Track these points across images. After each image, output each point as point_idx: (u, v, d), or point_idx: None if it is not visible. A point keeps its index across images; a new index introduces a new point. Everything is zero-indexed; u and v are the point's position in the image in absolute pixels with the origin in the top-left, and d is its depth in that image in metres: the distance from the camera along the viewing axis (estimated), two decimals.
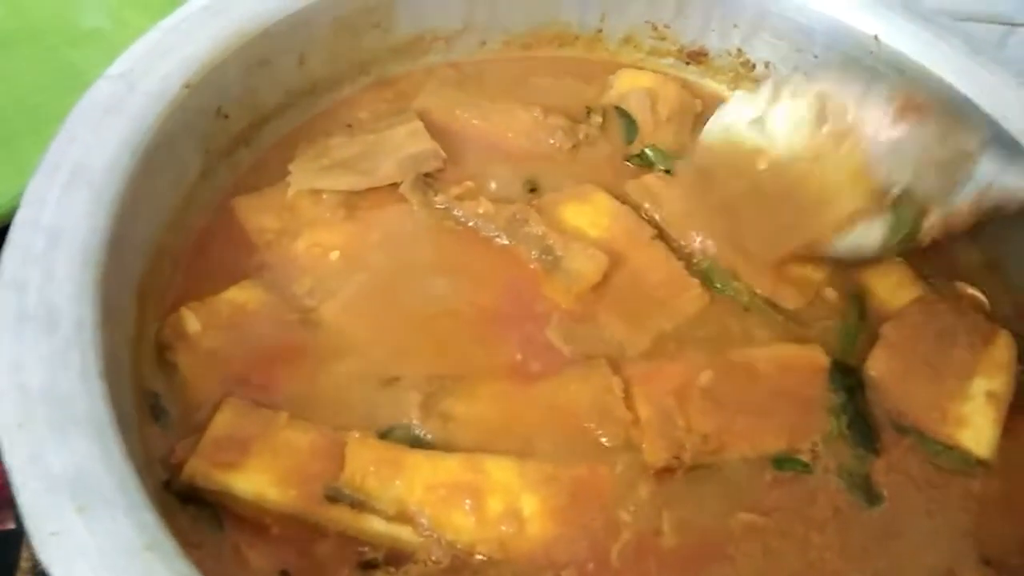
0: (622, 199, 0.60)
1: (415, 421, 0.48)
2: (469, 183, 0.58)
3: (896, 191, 0.54)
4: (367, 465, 0.45)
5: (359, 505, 0.45)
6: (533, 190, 0.60)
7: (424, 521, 0.44)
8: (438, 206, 0.57)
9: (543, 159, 0.62)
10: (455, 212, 0.57)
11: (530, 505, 0.45)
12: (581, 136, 0.64)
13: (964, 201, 0.54)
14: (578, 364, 0.51)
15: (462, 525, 0.44)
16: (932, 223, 0.54)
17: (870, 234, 0.55)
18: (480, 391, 0.50)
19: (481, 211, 0.56)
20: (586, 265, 0.54)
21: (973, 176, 0.54)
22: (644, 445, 0.48)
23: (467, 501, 0.45)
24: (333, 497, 0.45)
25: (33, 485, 0.37)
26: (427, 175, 0.59)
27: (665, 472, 0.48)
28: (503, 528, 0.45)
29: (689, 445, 0.48)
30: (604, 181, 0.61)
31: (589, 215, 0.58)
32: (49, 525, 0.36)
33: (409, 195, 0.57)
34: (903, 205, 0.54)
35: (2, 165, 0.67)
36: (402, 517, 0.45)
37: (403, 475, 0.45)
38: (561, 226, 0.57)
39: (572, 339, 0.53)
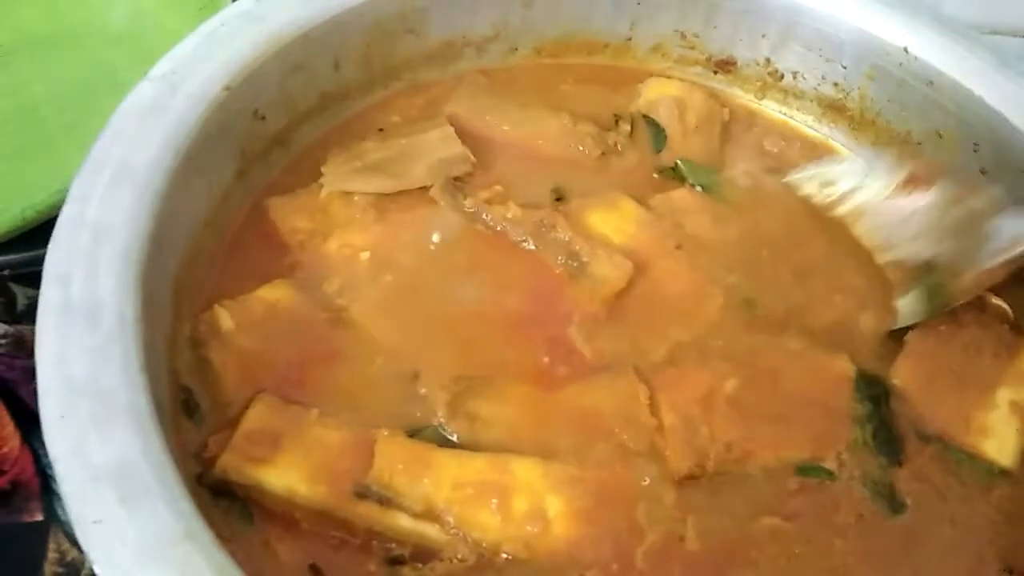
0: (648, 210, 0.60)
1: (442, 421, 0.49)
2: (498, 187, 0.59)
3: (918, 262, 0.55)
4: (395, 463, 0.46)
5: (387, 502, 0.45)
6: (560, 199, 0.61)
7: (450, 519, 0.45)
8: (467, 209, 0.58)
9: (571, 166, 0.63)
10: (484, 216, 0.58)
11: (555, 506, 0.46)
12: (610, 143, 0.64)
13: (995, 258, 0.54)
14: (605, 370, 0.52)
15: (488, 524, 0.45)
16: (965, 285, 0.55)
17: (907, 308, 0.56)
18: (506, 393, 0.50)
19: (509, 215, 0.57)
20: (611, 271, 0.55)
21: (1000, 231, 0.54)
22: (668, 452, 0.49)
23: (493, 500, 0.45)
24: (361, 493, 0.45)
25: (76, 475, 0.38)
26: (457, 179, 0.59)
27: (688, 479, 0.48)
28: (528, 528, 0.45)
29: (713, 453, 0.49)
30: (632, 190, 0.61)
31: (615, 222, 0.59)
32: (92, 513, 0.37)
33: (439, 198, 0.58)
34: (931, 274, 0.56)
35: (41, 163, 0.69)
36: (429, 515, 0.45)
37: (431, 473, 0.46)
38: (587, 232, 0.57)
39: (595, 344, 0.53)
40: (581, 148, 0.63)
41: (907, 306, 0.56)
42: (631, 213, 0.59)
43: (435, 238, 0.57)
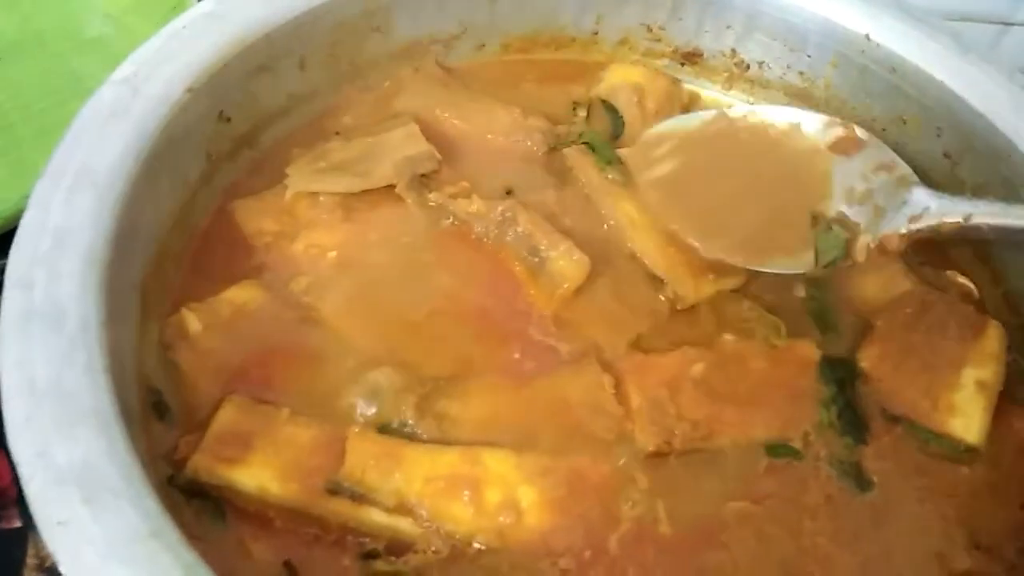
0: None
1: (410, 421, 0.49)
2: (464, 183, 0.59)
3: (827, 217, 0.57)
4: (367, 458, 0.46)
5: (359, 498, 0.45)
6: (509, 192, 0.60)
7: (423, 512, 0.45)
8: (432, 205, 0.58)
9: (521, 160, 0.63)
10: (449, 211, 0.58)
11: (528, 496, 0.46)
12: (562, 136, 0.64)
13: (898, 225, 0.57)
14: (569, 363, 0.52)
15: (461, 516, 0.45)
16: (863, 246, 0.57)
17: (799, 254, 0.57)
18: (473, 391, 0.51)
19: (472, 209, 0.57)
20: (570, 268, 0.55)
21: (907, 202, 0.57)
22: (635, 431, 0.49)
23: (465, 493, 0.46)
24: (334, 490, 0.46)
25: (41, 477, 0.38)
26: (423, 176, 0.59)
27: (656, 456, 0.49)
28: (501, 519, 0.45)
29: (679, 431, 0.49)
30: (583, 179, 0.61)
31: None
32: (56, 515, 0.37)
33: (405, 195, 0.58)
34: (832, 230, 0.57)
35: (8, 170, 0.68)
36: (402, 509, 0.45)
37: (402, 468, 0.46)
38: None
39: (558, 338, 0.53)
40: (529, 143, 0.63)
41: (797, 260, 0.57)
42: None
43: (402, 236, 0.57)
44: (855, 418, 0.52)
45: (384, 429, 0.49)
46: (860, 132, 0.62)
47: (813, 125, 0.62)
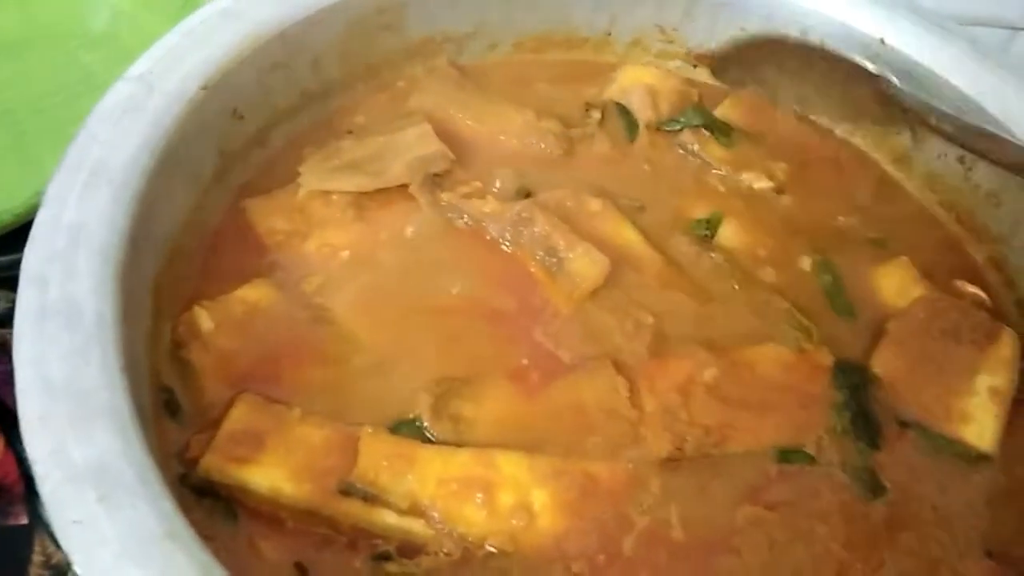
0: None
1: (425, 424, 0.48)
2: (478, 183, 0.59)
3: None
4: (380, 459, 0.46)
5: (372, 499, 0.45)
6: (527, 195, 0.60)
7: (436, 514, 0.45)
8: (445, 205, 0.58)
9: (535, 162, 0.63)
10: (463, 211, 0.57)
11: (540, 499, 0.46)
12: (576, 138, 0.64)
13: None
14: (583, 366, 0.52)
15: (473, 518, 0.45)
16: None
17: None
18: (488, 393, 0.50)
19: (487, 210, 0.57)
20: (589, 268, 0.55)
21: None
22: (647, 436, 0.49)
23: (478, 495, 0.46)
24: (346, 491, 0.45)
25: (56, 475, 0.37)
26: (436, 175, 0.59)
27: (669, 463, 0.49)
28: (514, 522, 0.45)
29: (691, 437, 0.49)
30: (599, 182, 0.61)
31: None
32: (71, 514, 0.36)
33: (418, 195, 0.58)
34: None
35: (18, 166, 0.68)
36: (414, 510, 0.45)
37: (415, 469, 0.46)
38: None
39: (573, 340, 0.53)
40: (543, 145, 0.63)
41: None
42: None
43: (414, 236, 0.57)
44: (868, 424, 0.51)
45: (397, 430, 0.48)
46: None
47: None
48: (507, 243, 0.57)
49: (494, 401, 0.50)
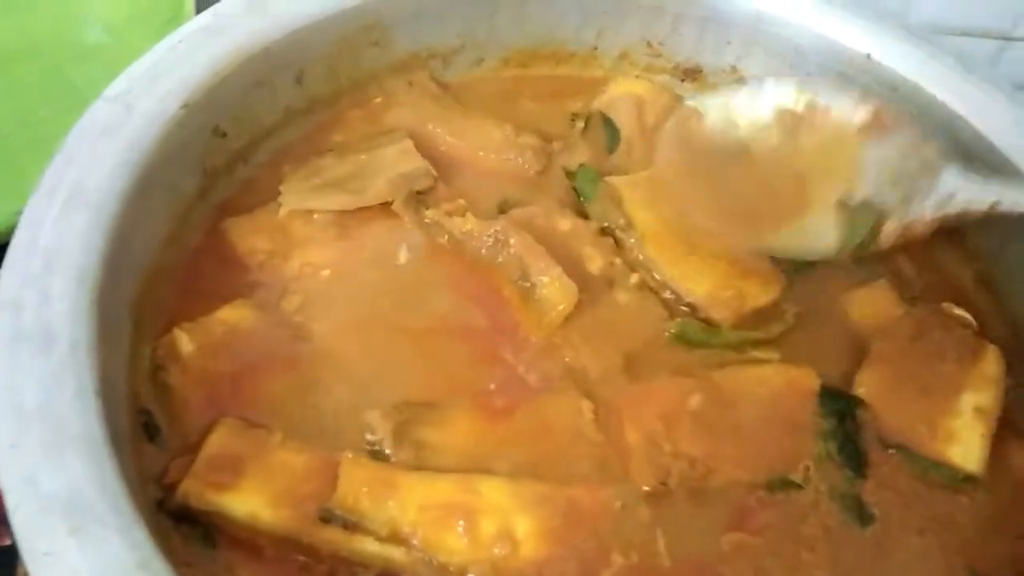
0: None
1: (387, 451, 0.48)
2: (461, 200, 0.58)
3: (854, 201, 0.54)
4: (360, 485, 0.45)
5: (352, 526, 0.45)
6: (503, 211, 0.59)
7: (416, 542, 0.44)
8: (428, 222, 0.57)
9: (513, 178, 0.62)
10: (444, 229, 0.57)
11: (523, 526, 0.45)
12: (555, 150, 0.64)
13: (925, 211, 0.55)
14: (548, 388, 0.51)
15: (455, 547, 0.44)
16: (889, 231, 0.55)
17: (824, 238, 0.55)
18: (451, 418, 0.49)
19: (466, 228, 0.56)
20: (558, 296, 0.54)
21: (935, 187, 0.54)
22: (631, 469, 0.48)
23: (460, 523, 0.45)
24: (326, 518, 0.45)
25: (27, 505, 0.37)
26: (419, 193, 0.59)
27: (652, 497, 0.48)
28: (496, 550, 0.44)
29: (675, 471, 0.48)
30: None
31: None
32: (42, 545, 0.36)
33: (402, 212, 0.57)
34: (860, 213, 0.55)
35: (4, 181, 0.68)
36: (394, 538, 0.45)
37: (396, 496, 0.45)
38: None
39: (546, 365, 0.52)
40: (520, 161, 0.63)
41: (821, 239, 0.55)
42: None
43: (397, 255, 0.56)
44: (855, 452, 0.51)
45: (378, 451, 0.48)
46: (889, 111, 0.56)
47: (841, 105, 0.57)
48: (483, 262, 0.56)
49: (457, 426, 0.49)
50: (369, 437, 0.48)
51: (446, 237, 0.57)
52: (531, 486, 0.46)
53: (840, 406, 0.52)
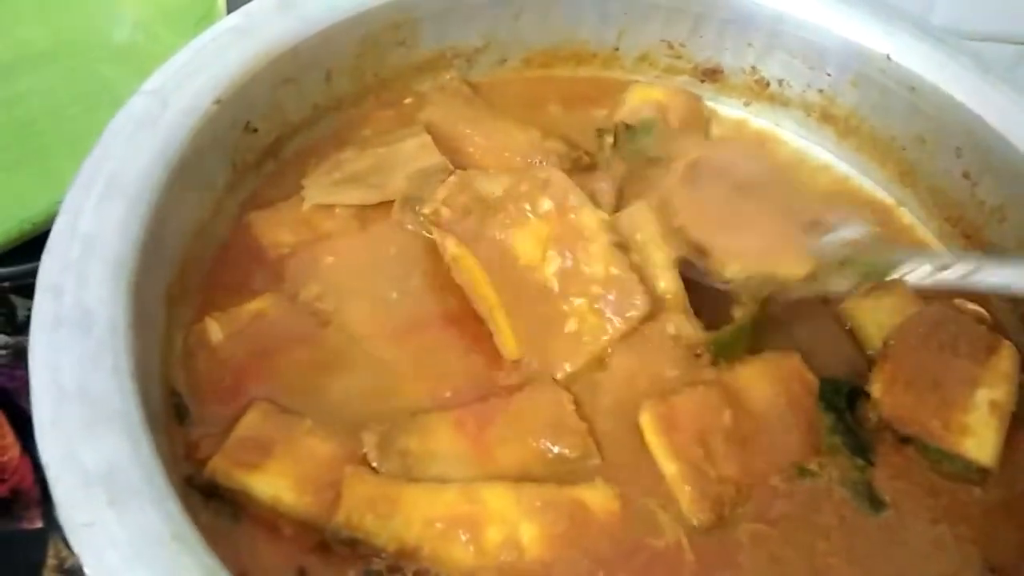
0: None
1: (374, 463, 0.47)
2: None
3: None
4: (363, 502, 0.45)
5: (358, 543, 0.45)
6: None
7: (423, 556, 0.45)
8: (423, 222, 0.57)
9: None
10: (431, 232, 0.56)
11: (529, 532, 0.45)
12: (580, 159, 0.64)
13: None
14: (526, 387, 0.51)
15: (461, 559, 0.44)
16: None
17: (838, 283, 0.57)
18: (432, 425, 0.49)
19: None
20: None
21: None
22: (684, 507, 0.48)
23: (465, 535, 0.45)
24: (332, 539, 0.45)
25: (67, 479, 0.38)
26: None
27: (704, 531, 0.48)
28: (502, 558, 0.45)
29: (727, 499, 0.48)
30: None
31: None
32: (82, 516, 0.37)
33: (399, 215, 0.58)
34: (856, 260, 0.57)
35: (38, 178, 0.69)
36: (402, 553, 0.45)
37: (400, 511, 0.45)
38: None
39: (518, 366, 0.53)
40: (546, 165, 0.62)
41: (836, 284, 0.57)
42: None
43: (417, 249, 0.57)
44: (859, 443, 0.51)
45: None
46: None
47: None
48: None
49: (439, 433, 0.49)
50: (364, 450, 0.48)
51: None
52: (534, 491, 0.46)
53: (838, 403, 0.53)
